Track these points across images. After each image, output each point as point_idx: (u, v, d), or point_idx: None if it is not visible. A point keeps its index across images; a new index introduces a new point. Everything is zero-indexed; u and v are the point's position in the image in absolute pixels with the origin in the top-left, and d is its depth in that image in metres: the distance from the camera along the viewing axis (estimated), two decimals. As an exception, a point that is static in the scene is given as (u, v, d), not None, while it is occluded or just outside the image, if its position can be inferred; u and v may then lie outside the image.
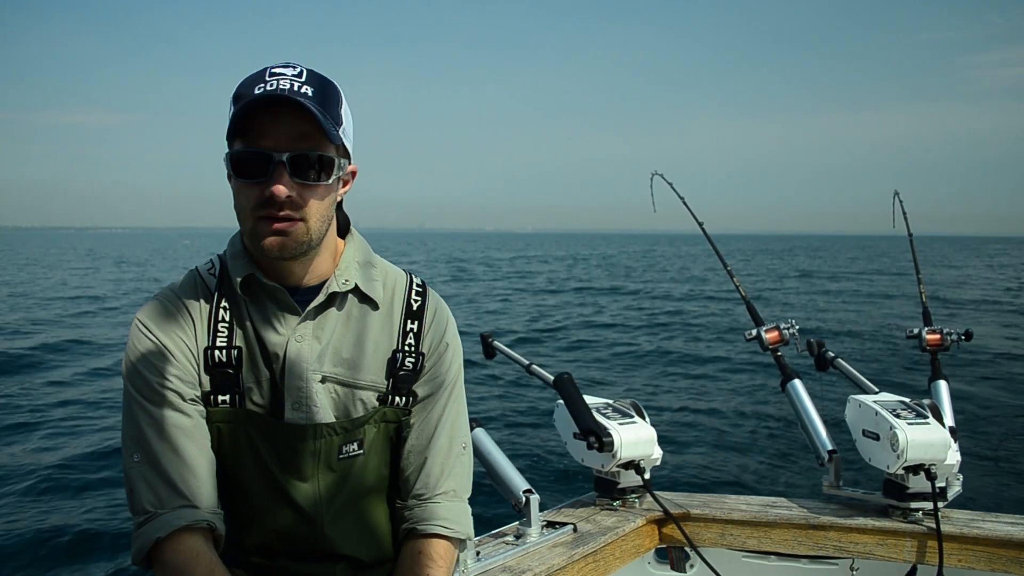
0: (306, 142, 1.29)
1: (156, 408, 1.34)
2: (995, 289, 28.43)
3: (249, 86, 1.30)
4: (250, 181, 1.29)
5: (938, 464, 2.28)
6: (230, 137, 1.31)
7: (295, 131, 1.28)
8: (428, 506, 1.48)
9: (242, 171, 1.29)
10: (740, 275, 3.36)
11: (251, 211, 1.31)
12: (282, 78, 1.29)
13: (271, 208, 1.29)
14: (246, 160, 1.29)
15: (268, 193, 1.28)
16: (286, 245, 1.31)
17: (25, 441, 7.36)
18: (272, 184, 1.27)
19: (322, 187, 1.33)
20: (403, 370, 1.47)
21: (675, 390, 10.08)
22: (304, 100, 1.27)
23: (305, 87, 1.30)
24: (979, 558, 2.25)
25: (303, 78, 1.31)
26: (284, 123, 1.28)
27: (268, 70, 1.31)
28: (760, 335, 2.85)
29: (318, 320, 1.41)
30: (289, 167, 1.28)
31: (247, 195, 1.30)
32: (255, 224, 1.31)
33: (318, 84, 1.32)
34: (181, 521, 1.30)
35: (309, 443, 1.39)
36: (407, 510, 1.49)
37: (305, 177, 1.30)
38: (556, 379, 2.55)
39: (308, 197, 1.31)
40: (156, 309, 1.40)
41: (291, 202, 1.29)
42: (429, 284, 1.56)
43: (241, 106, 1.26)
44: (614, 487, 2.52)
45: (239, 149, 1.30)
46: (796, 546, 2.41)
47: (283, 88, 1.27)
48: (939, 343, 2.92)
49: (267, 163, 1.28)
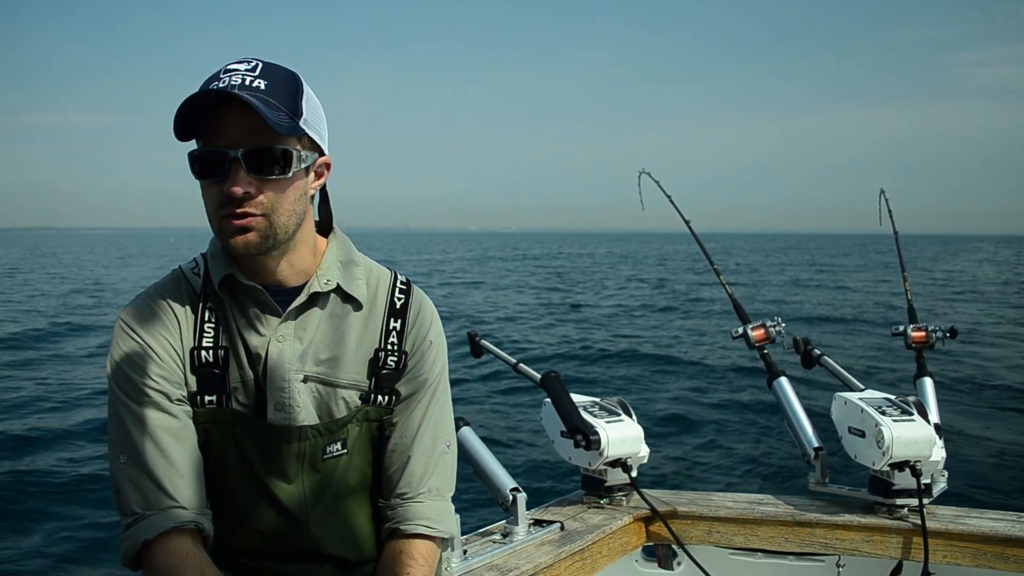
0: (259, 137, 1.27)
1: (141, 409, 1.32)
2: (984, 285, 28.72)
3: (206, 84, 1.28)
4: (210, 180, 1.28)
5: (923, 461, 2.30)
6: (184, 137, 1.28)
7: (247, 126, 1.26)
8: (411, 505, 1.47)
9: (202, 171, 1.28)
10: (727, 272, 3.37)
11: (215, 211, 1.29)
12: (235, 74, 1.27)
13: (231, 206, 1.27)
14: (203, 159, 1.28)
15: (226, 191, 1.26)
16: (250, 241, 1.29)
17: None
18: (228, 182, 1.26)
19: (282, 181, 1.30)
20: (385, 369, 1.45)
21: (662, 388, 10.11)
22: (249, 94, 1.24)
23: (257, 81, 1.27)
24: (964, 554, 2.26)
25: (256, 72, 1.28)
26: (235, 119, 1.26)
27: (224, 67, 1.30)
28: (746, 333, 2.86)
29: (300, 320, 1.39)
30: (244, 163, 1.26)
31: (209, 195, 1.29)
32: (220, 223, 1.29)
33: (272, 77, 1.29)
34: (169, 523, 1.28)
35: (294, 444, 1.38)
36: (390, 509, 1.48)
37: (262, 172, 1.27)
38: (543, 377, 2.55)
39: (268, 192, 1.29)
40: (140, 309, 1.38)
41: (249, 198, 1.27)
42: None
43: (182, 105, 1.24)
44: (601, 485, 2.52)
45: (196, 149, 1.28)
46: (783, 543, 2.42)
47: (234, 84, 1.25)
48: (924, 340, 2.93)
49: (223, 161, 1.26)
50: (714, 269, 3.28)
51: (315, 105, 1.35)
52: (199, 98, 1.24)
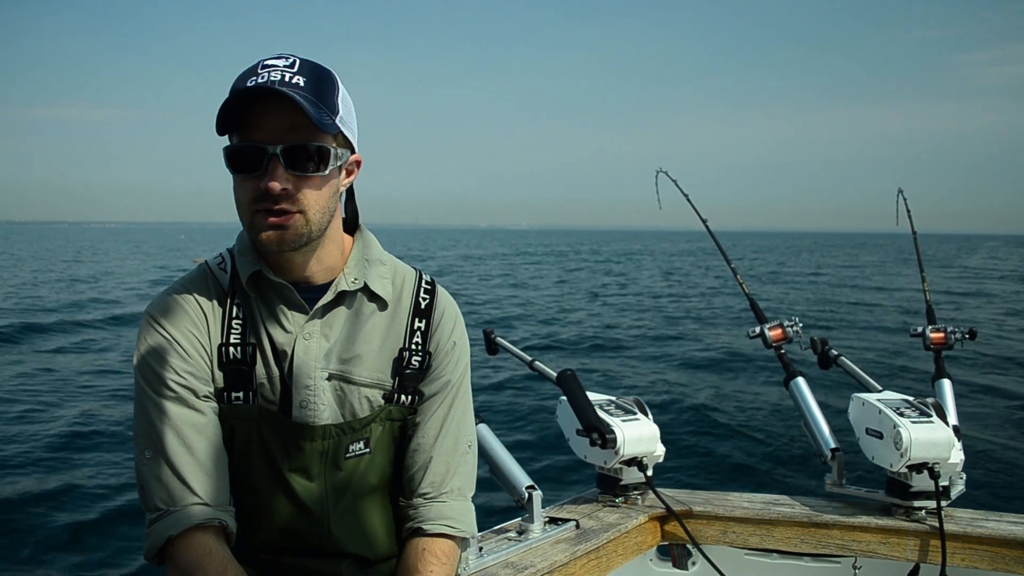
0: (298, 133, 1.28)
1: (168, 404, 1.33)
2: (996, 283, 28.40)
3: (243, 79, 1.29)
4: (246, 175, 1.29)
5: (942, 463, 2.28)
6: (222, 131, 1.29)
7: (286, 122, 1.27)
8: (434, 505, 1.47)
9: (238, 165, 1.29)
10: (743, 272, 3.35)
11: (248, 205, 1.30)
12: (274, 70, 1.28)
13: (267, 202, 1.28)
14: (241, 154, 1.28)
15: (263, 187, 1.27)
16: (284, 238, 1.30)
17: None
18: (266, 177, 1.26)
19: (318, 178, 1.31)
20: (409, 368, 1.46)
21: (678, 387, 10.08)
22: (291, 91, 1.25)
23: (296, 77, 1.28)
24: (982, 557, 2.24)
25: (295, 68, 1.30)
26: (275, 115, 1.27)
27: (261, 62, 1.31)
28: (764, 332, 2.84)
29: (326, 318, 1.40)
30: (283, 159, 1.27)
31: (244, 189, 1.30)
32: (253, 218, 1.30)
33: (311, 74, 1.30)
34: (193, 520, 1.29)
35: (317, 442, 1.39)
36: (412, 508, 1.48)
37: (300, 169, 1.29)
38: (559, 375, 2.55)
39: (304, 189, 1.30)
40: (168, 304, 1.39)
41: (287, 195, 1.28)
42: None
43: (227, 100, 1.25)
44: (616, 484, 2.52)
45: (234, 144, 1.29)
46: (799, 544, 2.41)
47: (273, 80, 1.26)
48: (943, 341, 2.90)
49: (261, 156, 1.27)
50: (731, 268, 3.26)
51: (348, 102, 1.36)
52: (246, 92, 1.25)
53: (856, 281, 31.10)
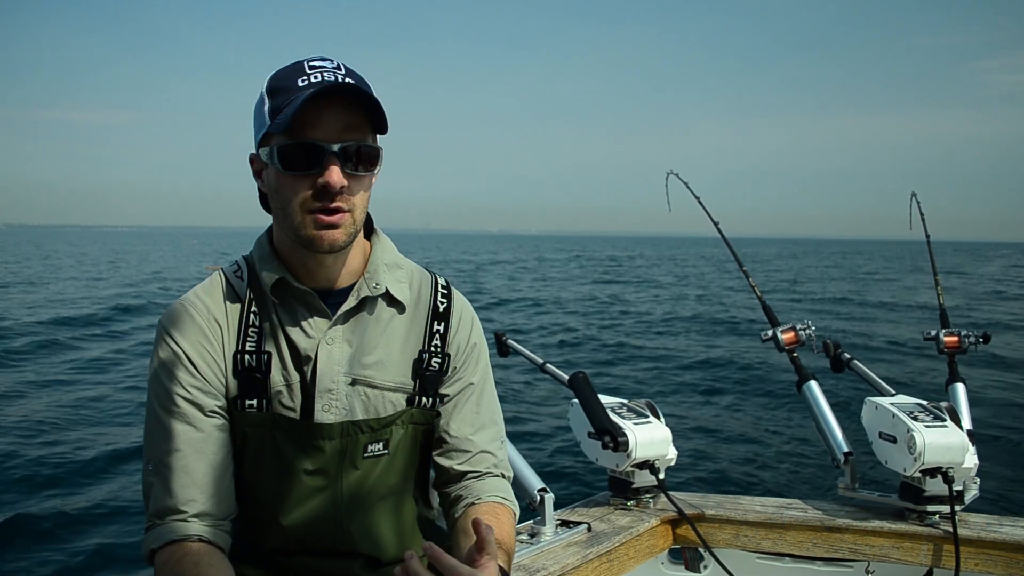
0: (355, 133, 1.29)
1: (170, 419, 1.34)
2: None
3: (289, 79, 1.30)
4: (301, 173, 1.29)
5: (955, 467, 2.27)
6: (282, 129, 1.27)
7: (344, 122, 1.28)
8: (486, 480, 1.49)
9: (292, 163, 1.29)
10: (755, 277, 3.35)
11: (300, 204, 1.30)
12: (324, 70, 1.30)
13: (324, 200, 1.28)
14: (297, 152, 1.28)
15: (322, 183, 1.27)
16: (336, 239, 1.31)
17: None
18: (326, 175, 1.27)
19: (368, 178, 1.34)
20: (429, 371, 1.47)
21: (690, 391, 10.05)
22: (365, 88, 1.28)
23: (347, 79, 1.30)
24: (996, 562, 2.23)
25: (342, 71, 1.31)
26: (334, 114, 1.28)
27: (305, 63, 1.32)
28: (776, 336, 2.84)
29: (349, 324, 1.41)
30: (342, 158, 1.28)
31: (295, 188, 1.29)
32: (305, 217, 1.30)
33: (357, 76, 1.33)
34: (172, 535, 1.30)
35: (336, 441, 1.39)
36: (462, 488, 1.49)
37: (354, 168, 1.30)
38: (571, 378, 2.55)
39: (356, 189, 1.31)
40: (180, 315, 1.39)
41: (342, 194, 1.29)
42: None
43: (303, 98, 1.25)
44: (628, 487, 2.52)
45: (289, 141, 1.28)
46: (811, 548, 2.40)
47: (328, 79, 1.28)
48: (957, 345, 2.89)
49: (320, 155, 1.27)
50: (743, 271, 3.26)
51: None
52: (330, 88, 1.26)
53: (871, 285, 30.96)
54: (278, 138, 1.29)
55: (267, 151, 1.31)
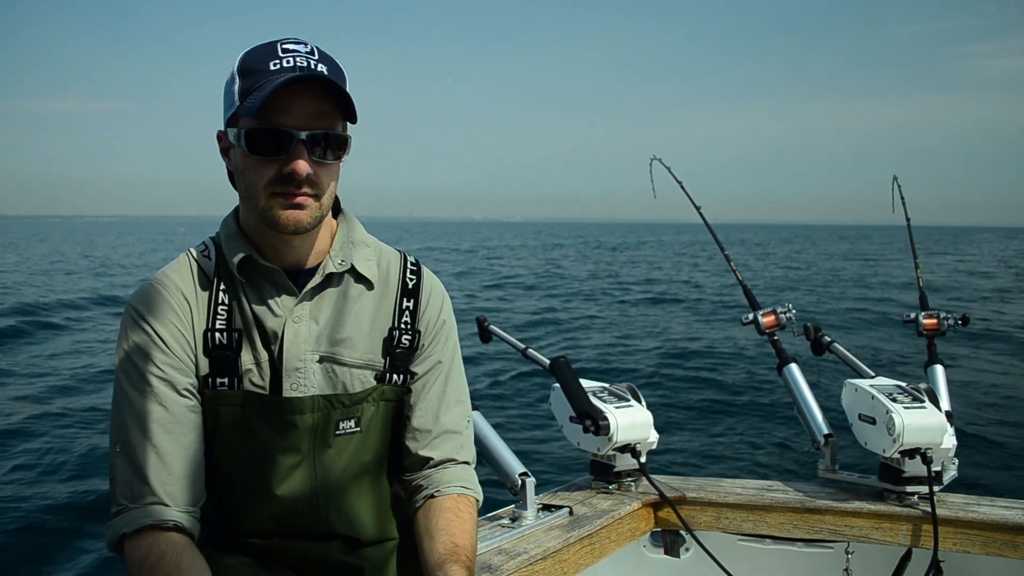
0: (324, 121, 1.29)
1: (140, 399, 1.32)
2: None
3: (261, 60, 1.28)
4: (266, 158, 1.28)
5: (934, 448, 2.28)
6: (251, 112, 1.26)
7: (314, 110, 1.28)
8: (447, 469, 1.49)
9: (258, 147, 1.28)
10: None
11: (265, 187, 1.29)
12: (297, 55, 1.29)
13: (289, 185, 1.28)
14: (264, 137, 1.27)
15: (288, 170, 1.27)
16: (301, 220, 1.31)
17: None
18: (292, 162, 1.27)
19: (335, 166, 1.33)
20: (399, 348, 1.46)
21: (671, 374, 10.10)
22: (335, 79, 1.27)
23: (320, 65, 1.29)
24: (974, 542, 2.25)
25: (316, 56, 1.30)
26: (303, 101, 1.27)
27: (279, 44, 1.30)
28: (757, 319, 2.85)
29: (315, 301, 1.40)
30: (309, 146, 1.28)
31: (261, 172, 1.29)
32: (268, 200, 1.30)
33: (330, 63, 1.32)
34: (147, 519, 1.28)
35: (307, 415, 1.38)
36: (423, 479, 1.49)
37: (321, 156, 1.30)
38: (552, 363, 2.55)
39: (323, 175, 1.31)
40: (149, 294, 1.37)
41: (309, 180, 1.29)
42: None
43: (275, 85, 1.23)
44: (610, 470, 2.52)
45: (257, 126, 1.27)
46: (792, 530, 2.41)
47: (301, 65, 1.27)
48: (936, 328, 2.91)
49: (287, 141, 1.27)
50: (725, 255, 3.26)
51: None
52: (292, 80, 1.24)
53: (852, 269, 31.21)
54: (246, 120, 1.28)
55: (235, 132, 1.30)
